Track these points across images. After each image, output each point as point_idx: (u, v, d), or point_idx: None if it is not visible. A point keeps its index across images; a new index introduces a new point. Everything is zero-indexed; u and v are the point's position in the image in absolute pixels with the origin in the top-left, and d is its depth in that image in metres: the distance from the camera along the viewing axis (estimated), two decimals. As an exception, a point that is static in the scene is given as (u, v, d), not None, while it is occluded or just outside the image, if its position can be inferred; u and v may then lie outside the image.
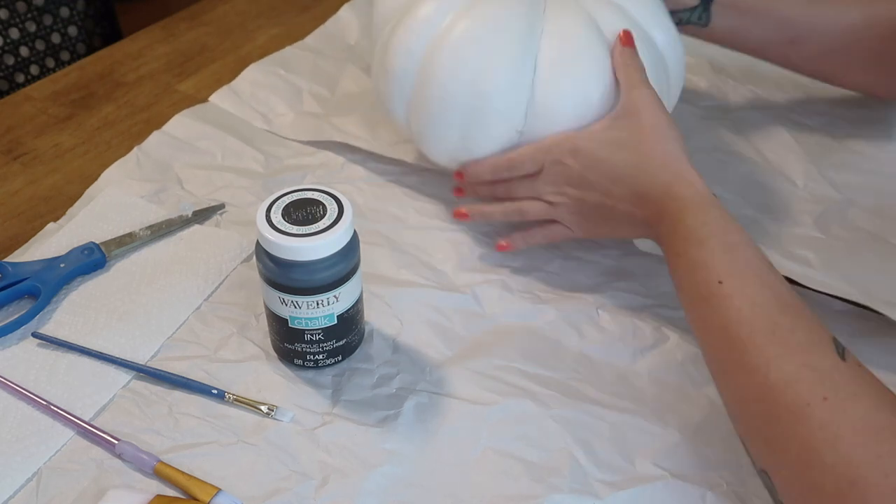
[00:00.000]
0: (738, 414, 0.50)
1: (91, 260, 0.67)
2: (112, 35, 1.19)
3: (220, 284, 0.67)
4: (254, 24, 1.01)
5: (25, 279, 0.65)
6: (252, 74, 0.91)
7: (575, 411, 0.57)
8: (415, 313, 0.64)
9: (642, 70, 0.61)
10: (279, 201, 0.56)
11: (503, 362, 0.61)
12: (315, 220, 0.54)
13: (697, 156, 0.60)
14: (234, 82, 0.90)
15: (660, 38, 0.66)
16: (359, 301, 0.59)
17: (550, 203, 0.63)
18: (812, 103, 0.85)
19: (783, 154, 0.79)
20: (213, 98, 0.87)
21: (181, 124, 0.83)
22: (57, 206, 0.75)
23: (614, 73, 0.62)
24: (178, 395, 0.58)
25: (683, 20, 0.70)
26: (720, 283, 0.51)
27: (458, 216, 0.68)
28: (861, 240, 0.70)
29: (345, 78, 0.91)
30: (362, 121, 0.83)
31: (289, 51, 0.95)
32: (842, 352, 0.47)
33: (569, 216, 0.64)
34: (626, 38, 0.62)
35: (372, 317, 0.64)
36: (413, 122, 0.67)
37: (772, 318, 0.48)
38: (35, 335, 0.62)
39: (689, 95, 0.86)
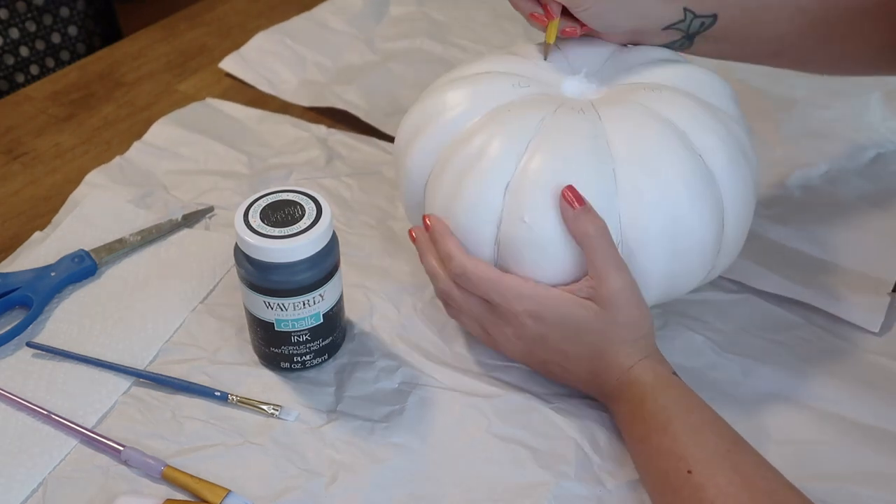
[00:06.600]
0: None
1: (82, 267, 0.66)
2: (112, 35, 1.18)
3: (214, 287, 0.66)
4: (254, 23, 1.01)
5: (16, 289, 0.64)
6: (260, 42, 0.96)
7: (577, 401, 0.58)
8: (410, 305, 0.65)
9: (611, 242, 0.53)
10: (255, 205, 0.56)
11: (503, 352, 0.61)
12: (295, 221, 0.54)
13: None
14: (242, 49, 0.95)
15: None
16: (341, 298, 0.59)
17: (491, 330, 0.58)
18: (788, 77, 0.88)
19: (761, 123, 0.83)
20: (223, 64, 0.92)
21: (161, 133, 0.83)
22: (57, 205, 0.74)
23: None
24: (181, 399, 0.58)
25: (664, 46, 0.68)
26: (689, 472, 0.48)
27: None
28: (815, 198, 0.76)
29: (348, 50, 0.95)
30: (360, 91, 0.88)
31: (296, 21, 0.99)
32: None
33: (513, 343, 0.57)
34: (572, 196, 0.52)
35: (369, 310, 0.64)
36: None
37: None
38: (30, 345, 0.61)
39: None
